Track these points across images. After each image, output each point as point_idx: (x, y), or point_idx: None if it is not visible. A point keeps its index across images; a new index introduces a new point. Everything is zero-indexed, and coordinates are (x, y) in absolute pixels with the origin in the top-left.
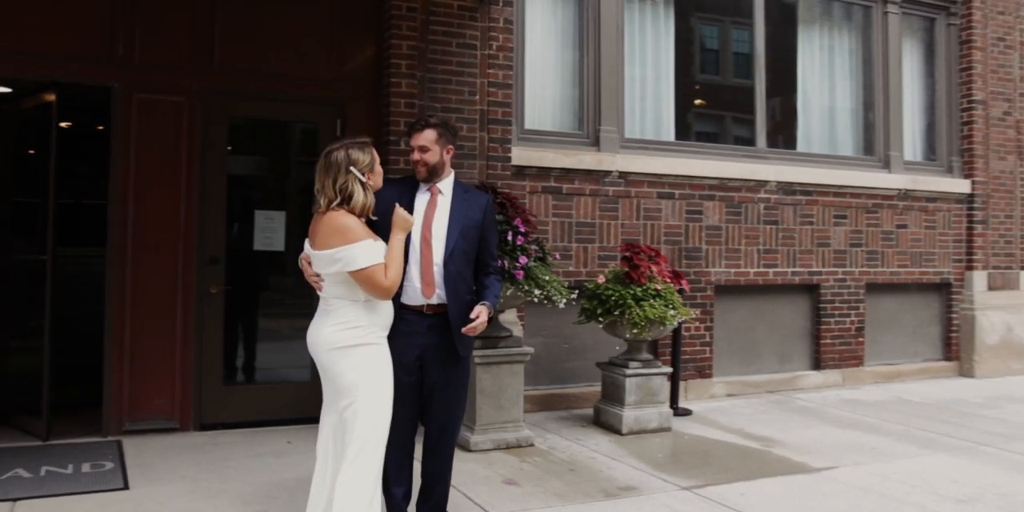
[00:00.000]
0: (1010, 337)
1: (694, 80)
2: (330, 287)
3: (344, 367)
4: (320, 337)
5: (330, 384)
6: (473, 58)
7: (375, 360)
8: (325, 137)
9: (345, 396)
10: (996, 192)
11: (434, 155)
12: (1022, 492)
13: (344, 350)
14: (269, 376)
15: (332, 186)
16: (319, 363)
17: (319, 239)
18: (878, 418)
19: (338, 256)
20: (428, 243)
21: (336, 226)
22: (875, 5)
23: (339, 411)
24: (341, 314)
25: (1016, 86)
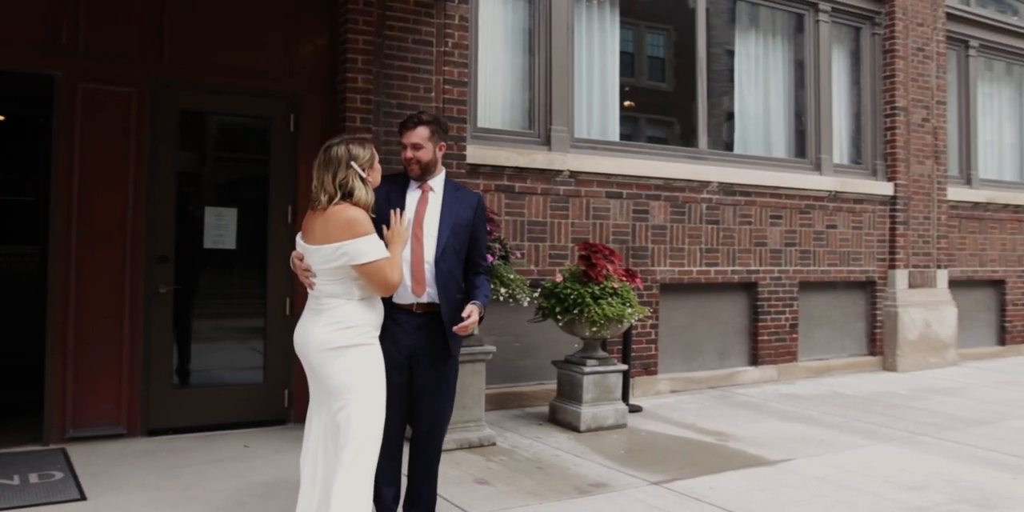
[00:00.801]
0: (928, 333)
1: (639, 82)
2: (325, 284)
3: (337, 368)
4: (312, 337)
5: (321, 386)
6: (429, 55)
7: (369, 361)
8: (279, 132)
9: (338, 398)
10: (916, 194)
11: (427, 152)
12: (965, 478)
13: (337, 351)
14: (221, 378)
15: (332, 182)
16: (309, 364)
17: (321, 233)
18: (818, 411)
19: (344, 249)
20: (419, 241)
21: (344, 219)
22: (807, 13)
23: (331, 413)
24: (334, 313)
25: (933, 94)
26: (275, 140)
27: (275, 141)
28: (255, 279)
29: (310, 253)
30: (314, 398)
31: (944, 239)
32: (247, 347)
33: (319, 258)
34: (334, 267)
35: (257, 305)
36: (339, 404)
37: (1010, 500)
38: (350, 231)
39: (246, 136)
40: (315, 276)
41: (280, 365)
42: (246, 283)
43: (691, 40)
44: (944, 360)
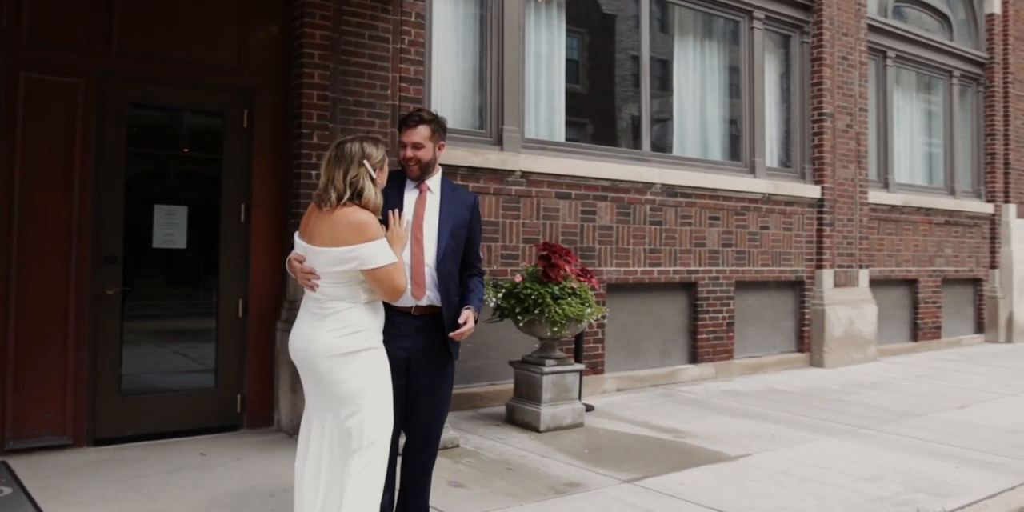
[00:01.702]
0: (852, 330)
1: (584, 85)
2: (330, 288)
3: (348, 374)
4: (318, 343)
5: (327, 392)
6: (385, 52)
7: (378, 365)
8: (232, 127)
9: (348, 404)
10: (841, 197)
11: (427, 152)
12: (914, 469)
13: (347, 356)
14: (170, 384)
15: (343, 179)
16: (314, 370)
17: (329, 236)
18: (762, 407)
19: (354, 254)
20: (419, 243)
21: (354, 222)
22: (743, 20)
23: (340, 420)
24: (341, 318)
25: (856, 102)
26: (228, 136)
27: (228, 137)
28: (207, 280)
29: (314, 255)
30: (314, 405)
31: (865, 240)
32: (198, 351)
33: (325, 261)
34: (341, 270)
35: (208, 307)
36: (349, 410)
37: (960, 488)
38: (361, 235)
39: (198, 131)
40: (319, 278)
41: (232, 369)
42: (197, 284)
43: (636, 45)
44: (865, 356)
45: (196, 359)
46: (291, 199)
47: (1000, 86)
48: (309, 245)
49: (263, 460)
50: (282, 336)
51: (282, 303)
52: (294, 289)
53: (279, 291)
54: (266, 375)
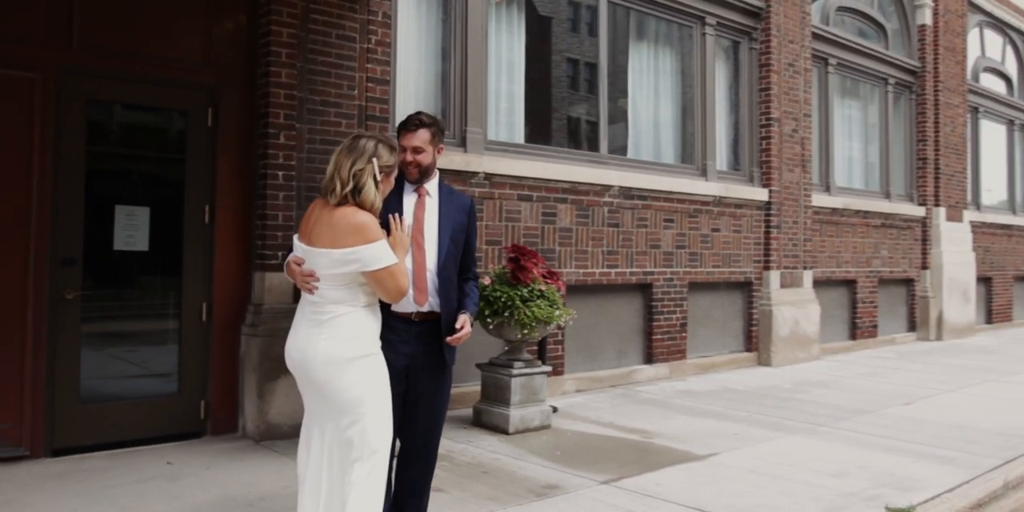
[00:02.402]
0: (797, 329)
1: (544, 88)
2: (329, 291)
3: (348, 382)
4: (316, 351)
5: (327, 401)
6: (353, 51)
7: (378, 371)
8: (196, 125)
9: (348, 413)
10: (787, 200)
11: (427, 156)
12: (875, 465)
13: (346, 363)
14: (132, 390)
15: (348, 169)
16: (312, 380)
17: (328, 237)
18: (719, 406)
19: (355, 256)
20: (420, 248)
21: (354, 223)
22: (695, 26)
23: (340, 429)
24: (339, 323)
25: (801, 107)
26: (192, 135)
27: (192, 136)
28: (169, 283)
29: (314, 257)
30: (313, 414)
31: (809, 242)
32: (161, 356)
33: (326, 263)
34: (341, 273)
35: (171, 311)
36: (350, 419)
37: (921, 482)
38: (361, 237)
39: (161, 130)
40: (318, 281)
41: (196, 375)
42: (160, 288)
43: (594, 48)
44: (810, 355)
45: (159, 365)
46: (257, 200)
47: (931, 94)
48: (309, 247)
49: (234, 468)
50: (247, 340)
51: (247, 306)
52: (260, 292)
53: (244, 294)
54: (231, 381)
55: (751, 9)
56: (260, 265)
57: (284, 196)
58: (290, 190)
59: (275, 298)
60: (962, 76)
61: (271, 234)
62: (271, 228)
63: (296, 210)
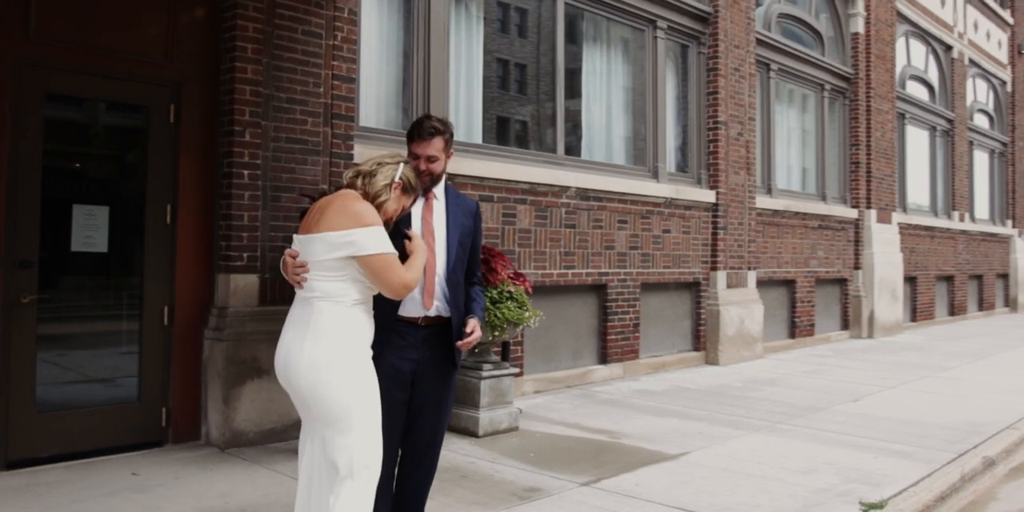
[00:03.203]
0: (742, 329)
1: (502, 89)
2: (321, 281)
3: (334, 390)
4: (300, 355)
5: (311, 411)
6: (319, 48)
7: (366, 377)
8: (158, 121)
9: (332, 425)
10: (733, 202)
11: (440, 164)
12: (840, 461)
13: (331, 369)
14: (91, 398)
15: (373, 162)
16: (295, 387)
17: (326, 221)
18: (678, 406)
19: (349, 238)
20: (431, 250)
21: (351, 207)
22: (647, 29)
23: (323, 442)
24: (326, 322)
25: (746, 111)
26: (153, 131)
27: (153, 133)
28: (130, 286)
29: (310, 243)
30: (306, 425)
31: (753, 243)
32: (121, 362)
33: (321, 248)
34: (336, 259)
35: (132, 315)
36: (332, 432)
37: (886, 477)
38: (357, 220)
39: (121, 126)
40: (307, 271)
41: (157, 381)
42: (120, 290)
43: (550, 50)
44: (754, 353)
45: (118, 371)
46: (220, 200)
47: (863, 100)
48: (306, 235)
49: (204, 478)
50: (211, 344)
51: (210, 310)
52: (224, 295)
53: (207, 297)
54: (193, 386)
55: (700, 14)
56: (224, 267)
57: (249, 196)
58: (256, 189)
59: (240, 301)
60: (891, 83)
61: (236, 235)
62: (236, 229)
63: (262, 210)
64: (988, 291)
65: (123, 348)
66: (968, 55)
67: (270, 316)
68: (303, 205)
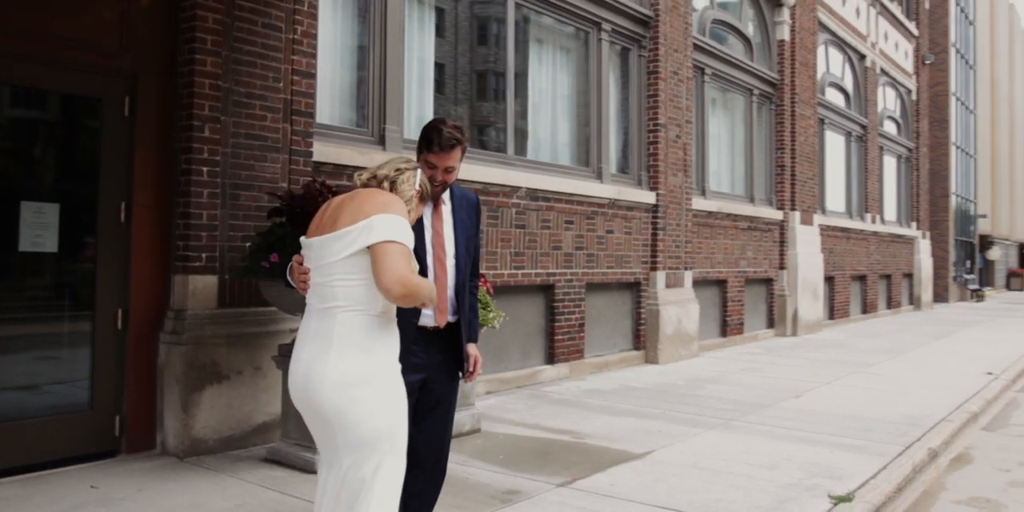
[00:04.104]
0: (680, 328)
1: (453, 87)
2: (345, 288)
3: (364, 411)
4: (324, 372)
5: (335, 437)
6: (278, 42)
7: (399, 397)
8: (111, 116)
9: (361, 450)
10: (671, 203)
11: (455, 173)
12: (798, 456)
13: (361, 386)
14: (41, 407)
15: (391, 167)
16: (318, 411)
17: (346, 215)
18: (631, 405)
19: (368, 224)
20: (442, 264)
21: (382, 198)
22: (592, 31)
23: (344, 469)
24: (352, 335)
25: (684, 114)
26: (107, 125)
27: (107, 126)
28: (82, 288)
29: (325, 245)
30: (324, 451)
31: (689, 244)
32: (72, 368)
33: (341, 245)
34: (356, 254)
35: (84, 319)
36: (364, 457)
37: (846, 471)
38: (384, 208)
39: (73, 119)
40: (325, 277)
41: (110, 388)
42: (71, 293)
43: (502, 50)
44: (690, 352)
45: (70, 378)
46: (177, 198)
47: (788, 105)
48: (321, 236)
49: (170, 489)
50: (168, 349)
51: (166, 313)
52: (181, 297)
53: (163, 300)
54: (148, 393)
55: (642, 17)
56: (182, 267)
57: (208, 194)
58: (215, 187)
59: (199, 303)
60: (813, 89)
61: (194, 234)
62: (194, 228)
63: (221, 209)
64: (896, 290)
65: (75, 354)
66: (879, 64)
67: (230, 319)
68: (262, 203)
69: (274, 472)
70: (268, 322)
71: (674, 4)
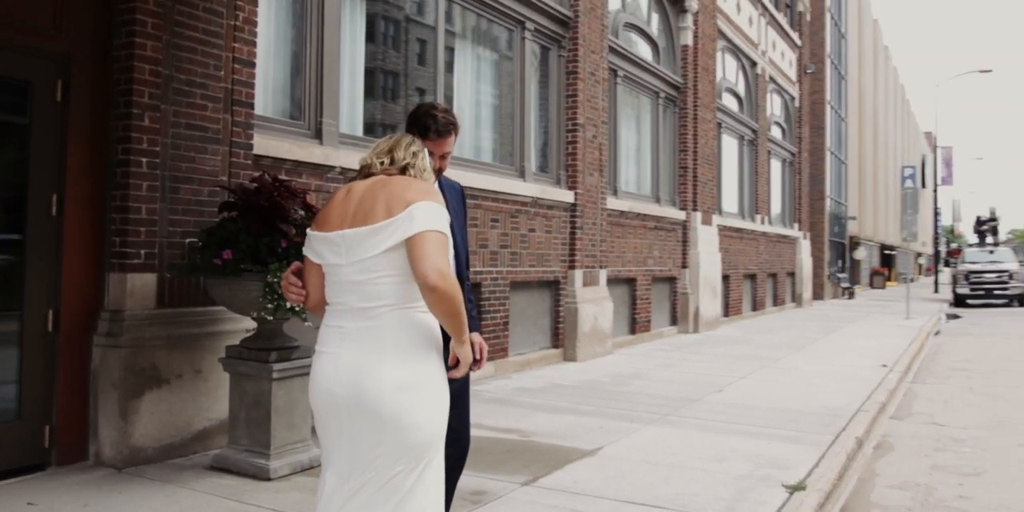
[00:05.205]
0: (596, 325)
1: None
2: (389, 285)
3: (425, 414)
4: (381, 375)
5: (384, 440)
6: (220, 27)
7: (447, 395)
8: (42, 99)
9: (412, 454)
10: (588, 203)
11: (448, 160)
12: (742, 449)
13: (424, 387)
14: None
15: (405, 148)
16: (374, 410)
17: (386, 205)
18: (565, 402)
19: (410, 213)
20: None
21: (422, 185)
22: (516, 30)
23: (386, 477)
24: (406, 334)
25: (600, 114)
26: (37, 111)
27: (37, 112)
28: (8, 287)
29: (365, 239)
30: (344, 458)
31: (604, 243)
32: None
33: (381, 238)
34: (400, 246)
35: (10, 320)
36: (409, 465)
37: (789, 461)
38: (424, 195)
39: None
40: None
41: (39, 396)
42: None
43: (432, 47)
44: (605, 349)
45: None
46: (114, 191)
47: (691, 109)
48: (355, 229)
49: (119, 504)
50: (103, 352)
51: (100, 314)
52: (118, 297)
53: (96, 300)
54: (80, 400)
55: (562, 18)
56: (119, 265)
57: (148, 186)
58: (154, 180)
59: (137, 303)
60: (713, 94)
61: (132, 230)
62: (132, 223)
63: (160, 203)
64: (781, 288)
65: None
66: (769, 72)
67: (170, 319)
68: (202, 197)
69: (224, 480)
70: (208, 323)
71: (592, 6)
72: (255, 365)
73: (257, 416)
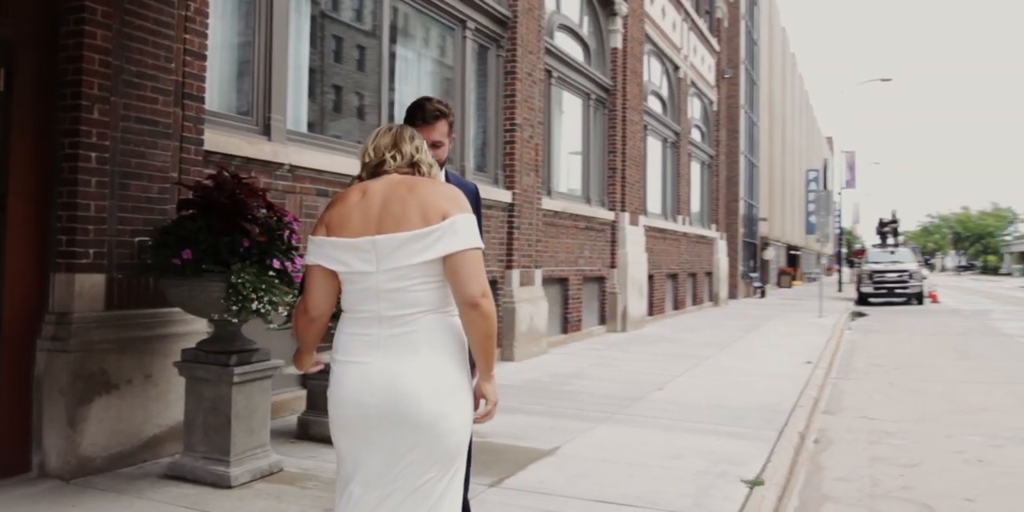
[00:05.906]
0: (532, 325)
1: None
2: (423, 291)
3: (461, 419)
4: (417, 382)
5: (418, 447)
6: (171, 17)
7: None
8: None
9: (444, 460)
10: (524, 203)
11: (444, 150)
12: (695, 445)
13: (459, 393)
14: None
15: (409, 142)
16: (411, 417)
17: (420, 211)
18: (511, 402)
19: (452, 227)
20: None
21: (450, 190)
22: (457, 29)
23: (418, 484)
24: (443, 339)
25: (536, 115)
26: None
27: None
28: None
29: (403, 246)
30: (371, 468)
31: (540, 243)
32: None
33: (422, 247)
34: (436, 258)
35: None
36: (440, 472)
37: (741, 457)
38: (457, 204)
39: None
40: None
41: None
42: None
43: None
44: (540, 349)
45: None
46: (60, 187)
47: (620, 110)
48: (388, 235)
49: None
50: (48, 357)
51: (43, 316)
52: (64, 298)
53: (39, 301)
54: (22, 408)
55: (501, 17)
56: (65, 265)
57: (97, 182)
58: (104, 175)
59: (86, 305)
60: (640, 96)
61: (81, 228)
62: (80, 220)
63: (110, 200)
64: (700, 287)
65: None
66: (690, 76)
67: (119, 322)
68: (152, 194)
69: (183, 489)
70: (158, 325)
71: (530, 6)
72: (214, 369)
73: (215, 422)
